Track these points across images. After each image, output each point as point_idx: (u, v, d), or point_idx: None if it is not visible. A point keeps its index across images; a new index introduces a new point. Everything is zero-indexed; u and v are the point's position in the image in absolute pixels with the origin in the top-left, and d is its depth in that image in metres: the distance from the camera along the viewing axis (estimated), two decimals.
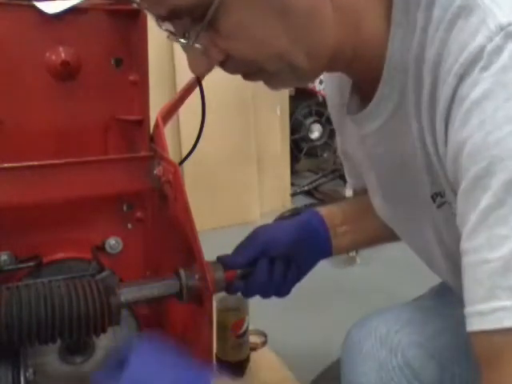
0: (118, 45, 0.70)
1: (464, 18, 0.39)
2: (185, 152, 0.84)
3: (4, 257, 0.69)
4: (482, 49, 0.37)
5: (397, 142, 0.53)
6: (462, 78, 0.39)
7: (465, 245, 0.39)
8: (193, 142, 0.82)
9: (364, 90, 0.57)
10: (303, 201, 2.69)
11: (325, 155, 3.11)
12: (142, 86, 0.71)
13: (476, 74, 0.38)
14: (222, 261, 0.69)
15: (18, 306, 0.54)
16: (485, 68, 0.37)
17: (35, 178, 0.65)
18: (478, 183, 0.37)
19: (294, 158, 2.95)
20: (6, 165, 0.63)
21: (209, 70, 0.52)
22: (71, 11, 0.66)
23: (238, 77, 0.56)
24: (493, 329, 0.36)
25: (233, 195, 2.42)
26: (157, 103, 0.76)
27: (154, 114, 0.74)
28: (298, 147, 3.07)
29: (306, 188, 2.84)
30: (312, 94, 2.92)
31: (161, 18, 0.49)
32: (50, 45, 0.67)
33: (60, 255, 0.73)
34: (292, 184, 2.82)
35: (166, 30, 0.50)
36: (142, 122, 0.72)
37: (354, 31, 0.50)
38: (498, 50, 0.36)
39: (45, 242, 0.72)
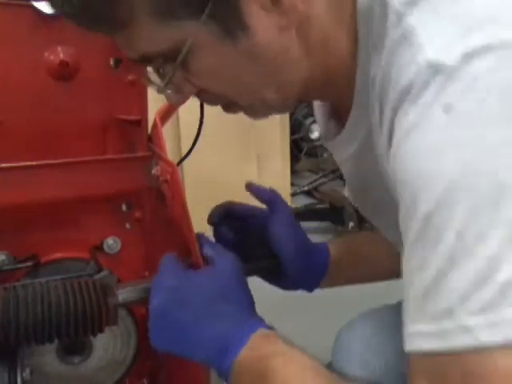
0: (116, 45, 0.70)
1: (402, 49, 0.40)
2: (185, 152, 0.84)
3: (2, 257, 0.69)
4: (411, 83, 0.38)
5: (373, 166, 0.53)
6: (395, 111, 0.40)
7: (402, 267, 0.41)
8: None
9: (341, 115, 0.58)
10: (303, 201, 2.69)
11: (325, 155, 3.11)
12: (141, 85, 0.71)
13: (406, 107, 0.39)
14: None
15: (14, 306, 0.54)
16: (413, 101, 0.38)
17: (33, 178, 0.65)
18: (406, 213, 0.38)
19: (294, 158, 2.95)
20: (3, 165, 0.63)
21: (184, 100, 0.55)
22: None
23: None
24: (417, 350, 0.36)
25: (233, 195, 2.41)
26: (156, 103, 0.76)
27: (153, 114, 0.74)
28: (298, 147, 3.07)
29: (305, 188, 2.84)
30: None
31: (134, 61, 0.51)
32: (49, 45, 0.67)
33: (58, 255, 0.73)
34: (292, 184, 2.81)
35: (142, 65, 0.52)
36: (141, 122, 0.72)
37: (324, 59, 0.50)
38: (425, 84, 0.37)
39: (43, 242, 0.72)
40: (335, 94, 0.55)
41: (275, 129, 2.59)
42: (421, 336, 0.36)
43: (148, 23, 0.45)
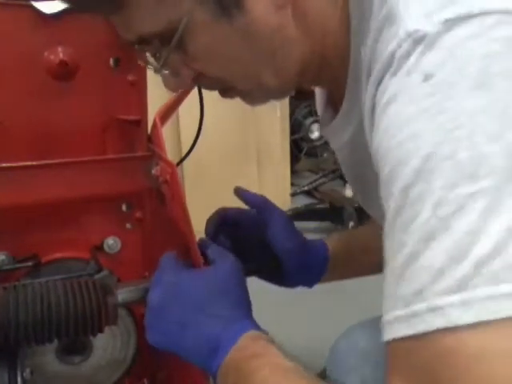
0: (116, 45, 0.70)
1: (386, 27, 0.40)
2: (185, 152, 0.84)
3: (2, 257, 0.69)
4: (392, 55, 0.37)
5: (367, 152, 0.52)
6: (378, 86, 0.39)
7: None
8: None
9: (336, 102, 0.57)
10: (303, 201, 2.69)
11: (325, 155, 3.11)
12: (140, 85, 0.71)
13: (386, 80, 0.38)
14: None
15: (14, 306, 0.54)
16: (394, 73, 0.37)
17: (33, 178, 0.65)
18: (385, 190, 0.36)
19: (294, 158, 2.95)
20: (3, 164, 0.63)
21: (181, 86, 0.55)
22: (69, 11, 0.66)
23: None
24: (392, 339, 0.33)
25: (233, 195, 2.42)
26: (156, 103, 0.77)
27: (153, 114, 0.74)
28: (298, 147, 3.08)
29: (305, 188, 2.84)
30: (312, 94, 2.92)
31: (131, 43, 0.51)
32: (48, 45, 0.67)
33: (58, 255, 0.73)
34: (292, 184, 2.81)
35: (139, 49, 0.52)
36: (140, 122, 0.72)
37: (319, 43, 0.50)
38: (407, 54, 0.36)
39: (43, 242, 0.72)
40: (331, 79, 0.55)
41: (275, 129, 2.59)
42: (394, 323, 0.33)
43: (145, 2, 0.45)
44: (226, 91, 0.56)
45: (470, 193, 0.31)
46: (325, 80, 0.56)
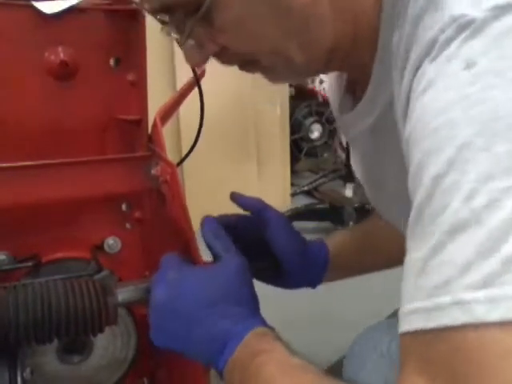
0: (116, 45, 0.70)
1: (428, 13, 0.38)
2: (185, 152, 0.85)
3: (2, 257, 0.69)
4: (434, 41, 0.35)
5: (389, 140, 0.50)
6: (416, 71, 0.38)
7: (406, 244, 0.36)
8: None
9: (359, 89, 0.56)
10: (303, 201, 2.69)
11: (325, 155, 3.11)
12: (141, 85, 0.72)
13: (425, 66, 0.36)
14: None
15: (14, 306, 0.54)
16: (433, 59, 0.35)
17: (33, 178, 0.65)
18: (414, 179, 0.35)
19: (294, 158, 2.95)
20: (3, 164, 0.63)
21: (204, 61, 0.53)
22: (70, 11, 0.66)
23: (238, 76, 0.55)
24: (408, 331, 0.32)
25: None
26: (157, 103, 0.77)
27: (153, 114, 0.74)
28: (298, 147, 3.07)
29: (305, 188, 2.83)
30: (312, 93, 2.93)
31: (155, 12, 0.49)
32: (49, 45, 0.67)
33: (59, 255, 0.73)
34: (292, 184, 2.81)
35: (161, 21, 0.50)
36: (140, 122, 0.72)
37: (352, 22, 0.49)
38: (449, 40, 0.34)
39: (43, 242, 0.72)
40: (357, 62, 0.53)
41: (275, 129, 2.59)
42: (413, 314, 0.32)
43: None
44: (246, 65, 0.54)
45: (506, 187, 0.29)
46: (351, 63, 0.55)
